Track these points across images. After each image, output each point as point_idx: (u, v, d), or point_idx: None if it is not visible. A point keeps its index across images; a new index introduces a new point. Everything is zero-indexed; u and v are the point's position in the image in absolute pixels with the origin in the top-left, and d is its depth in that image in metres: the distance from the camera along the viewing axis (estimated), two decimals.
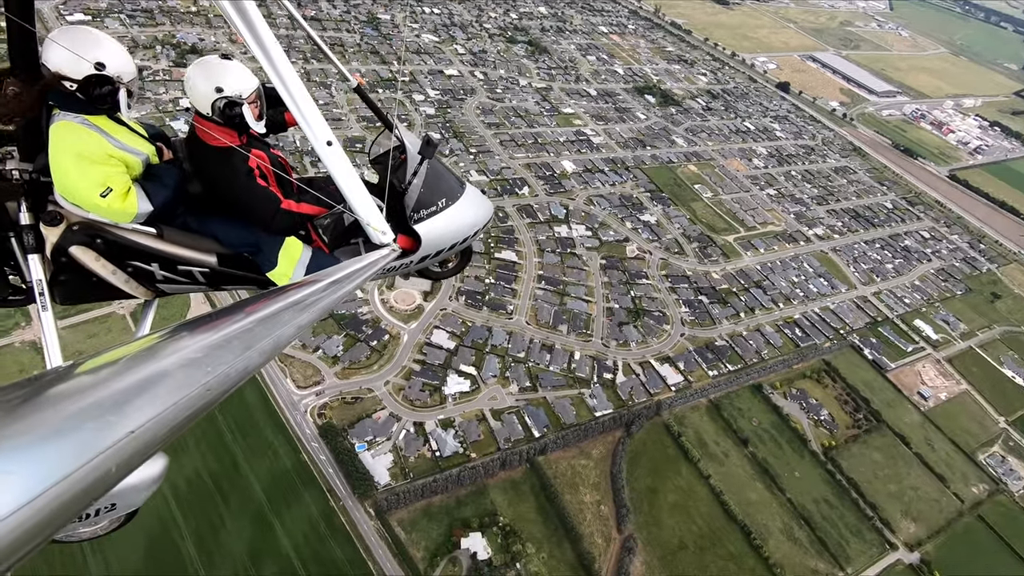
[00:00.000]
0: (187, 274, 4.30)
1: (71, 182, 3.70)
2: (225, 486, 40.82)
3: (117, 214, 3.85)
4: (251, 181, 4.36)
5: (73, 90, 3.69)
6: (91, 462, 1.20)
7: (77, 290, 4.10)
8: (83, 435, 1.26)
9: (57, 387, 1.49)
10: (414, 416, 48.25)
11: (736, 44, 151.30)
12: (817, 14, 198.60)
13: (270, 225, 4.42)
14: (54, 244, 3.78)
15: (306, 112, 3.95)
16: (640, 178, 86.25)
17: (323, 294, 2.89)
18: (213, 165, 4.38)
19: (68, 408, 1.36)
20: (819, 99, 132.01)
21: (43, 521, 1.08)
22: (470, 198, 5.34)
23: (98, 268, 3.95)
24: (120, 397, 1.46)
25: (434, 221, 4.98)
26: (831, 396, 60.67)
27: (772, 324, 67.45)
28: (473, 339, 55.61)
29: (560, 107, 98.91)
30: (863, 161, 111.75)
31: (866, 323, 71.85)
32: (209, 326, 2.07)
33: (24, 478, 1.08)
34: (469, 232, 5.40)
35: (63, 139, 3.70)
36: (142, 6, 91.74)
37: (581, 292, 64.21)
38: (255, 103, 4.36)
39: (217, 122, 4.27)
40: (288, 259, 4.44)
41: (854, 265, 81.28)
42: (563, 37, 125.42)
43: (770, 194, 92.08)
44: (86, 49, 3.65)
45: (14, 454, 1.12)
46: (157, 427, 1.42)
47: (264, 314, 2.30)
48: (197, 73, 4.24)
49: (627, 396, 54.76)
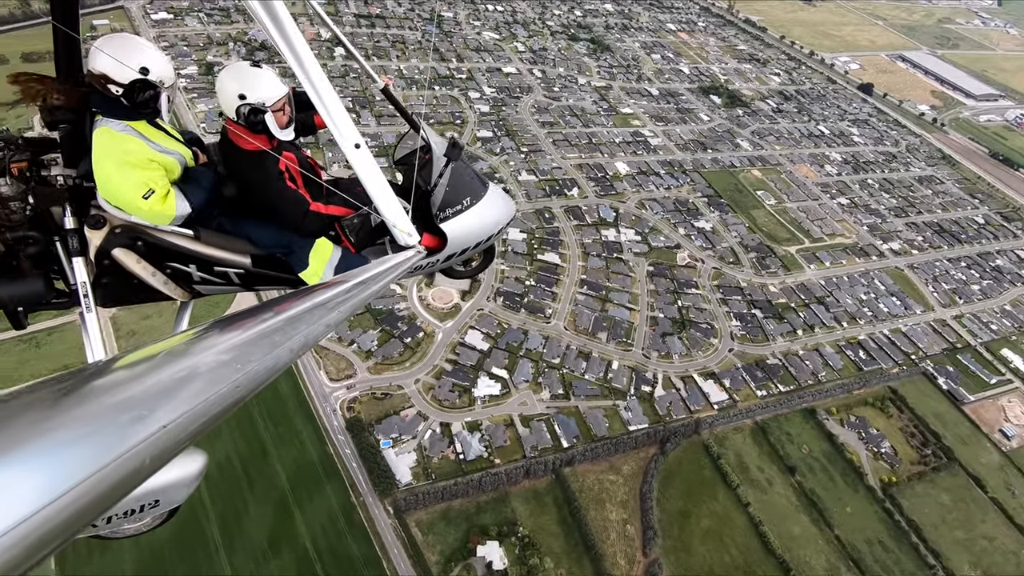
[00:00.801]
0: (223, 275, 4.40)
1: (114, 186, 3.80)
2: (252, 472, 41.82)
3: (157, 216, 3.95)
4: (281, 184, 4.44)
5: (118, 95, 3.81)
6: (127, 454, 1.26)
7: (118, 292, 4.22)
8: (119, 428, 1.33)
9: (96, 381, 1.57)
10: (441, 416, 47.80)
11: (816, 43, 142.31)
12: (911, 11, 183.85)
13: (300, 227, 4.49)
14: (98, 247, 3.90)
15: (335, 115, 3.98)
16: (698, 182, 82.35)
17: (350, 294, 2.93)
18: (244, 168, 4.46)
19: (106, 401, 1.44)
20: (906, 102, 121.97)
21: (83, 508, 1.14)
22: (493, 197, 5.39)
23: (139, 270, 4.06)
24: (154, 392, 1.51)
25: (459, 220, 5.03)
26: (895, 427, 55.43)
27: (833, 344, 62.50)
28: (508, 342, 54.59)
29: (618, 107, 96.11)
30: (952, 170, 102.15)
31: (943, 349, 65.29)
32: (240, 324, 2.10)
33: (66, 466, 1.14)
34: (493, 230, 5.45)
35: (106, 144, 3.79)
36: (220, 4, 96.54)
37: (625, 299, 61.80)
38: (282, 111, 4.37)
39: (245, 127, 4.32)
40: (319, 259, 4.53)
41: (933, 284, 74.18)
42: (628, 35, 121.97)
43: (841, 203, 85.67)
44: (130, 55, 3.75)
45: (57, 443, 1.20)
46: (188, 422, 1.46)
47: (293, 313, 2.32)
48: (225, 78, 4.28)
49: (665, 411, 52.12)
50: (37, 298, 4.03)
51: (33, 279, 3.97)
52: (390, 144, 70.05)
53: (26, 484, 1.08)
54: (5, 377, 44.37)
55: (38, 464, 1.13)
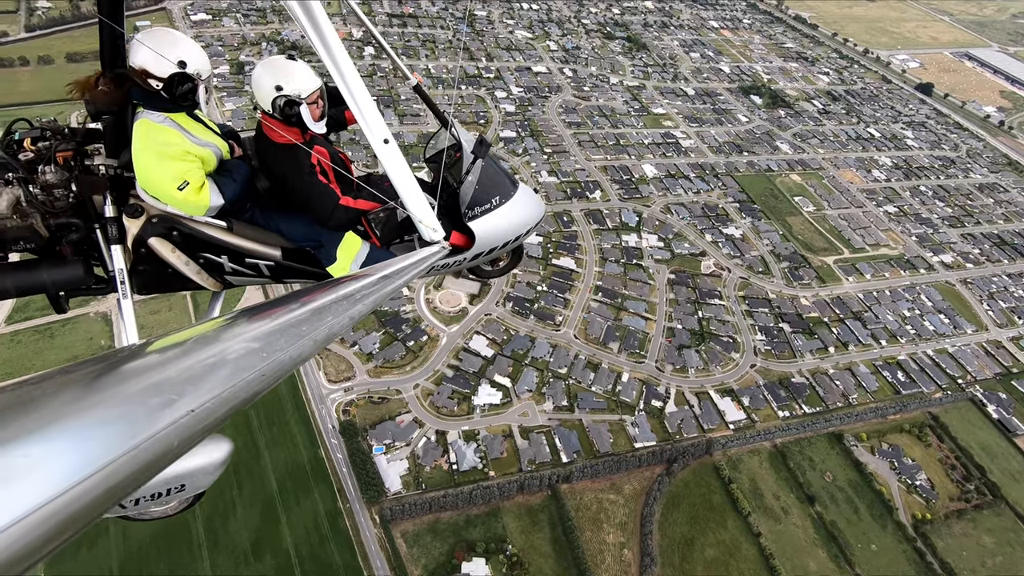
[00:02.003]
0: (253, 267, 4.48)
1: (152, 176, 3.89)
2: (243, 472, 41.56)
3: (192, 207, 4.03)
4: (312, 177, 4.49)
5: (158, 88, 3.91)
6: (156, 435, 1.30)
7: (153, 280, 4.32)
8: (149, 410, 1.36)
9: (129, 364, 1.63)
10: (438, 424, 46.51)
11: (871, 39, 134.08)
12: (982, 5, 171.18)
13: (329, 221, 4.54)
14: (135, 235, 4.01)
15: (365, 110, 4.01)
16: (730, 186, 78.27)
17: (375, 288, 2.95)
18: (277, 161, 4.54)
19: (137, 384, 1.48)
20: (970, 103, 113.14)
21: (113, 487, 1.17)
22: (523, 197, 5.35)
23: (173, 259, 4.14)
24: (183, 377, 1.55)
25: (488, 219, 5.03)
26: (933, 458, 50.65)
27: (868, 364, 57.85)
28: (514, 349, 52.82)
29: (650, 107, 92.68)
30: (1019, 177, 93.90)
31: (996, 374, 59.48)
32: (267, 314, 2.15)
33: (97, 446, 1.18)
34: (521, 231, 5.40)
35: (146, 135, 3.89)
36: (257, 5, 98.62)
37: (641, 308, 58.98)
38: (315, 104, 4.42)
39: (280, 120, 4.38)
40: (346, 254, 4.60)
41: (989, 302, 67.91)
42: (667, 33, 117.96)
43: (888, 212, 79.77)
44: (169, 49, 3.87)
45: (90, 422, 1.24)
46: (215, 407, 1.49)
47: (319, 304, 2.36)
48: (261, 72, 4.37)
49: (675, 429, 49.21)
50: (78, 283, 4.12)
51: (74, 265, 4.06)
52: (411, 144, 69.52)
53: (60, 461, 1.10)
54: (22, 366, 45.79)
55: (72, 442, 1.16)
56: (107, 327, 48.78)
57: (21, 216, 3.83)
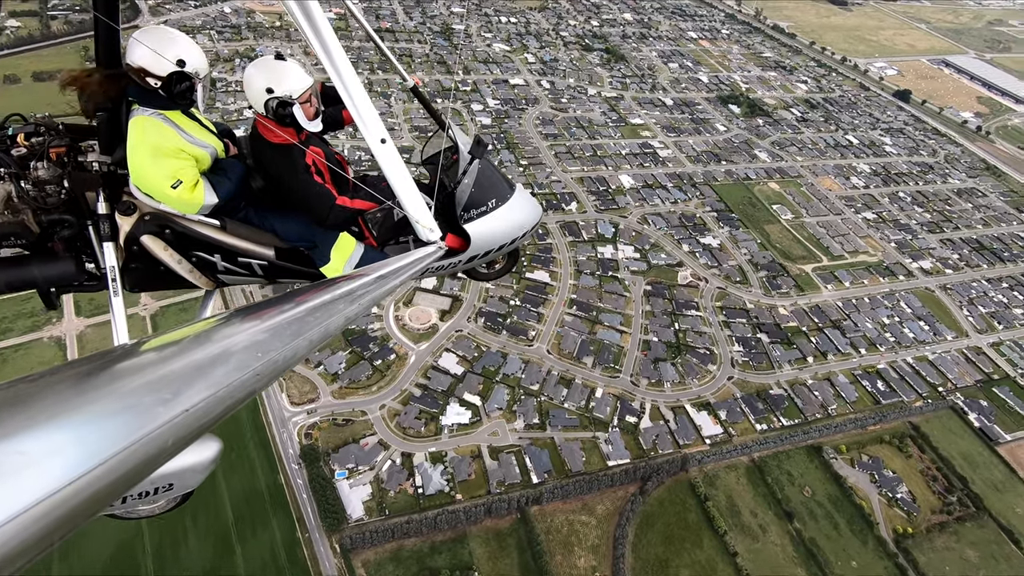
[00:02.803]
0: (246, 266, 4.45)
1: (145, 173, 3.90)
2: (197, 500, 39.56)
3: (185, 205, 4.04)
4: (308, 177, 4.47)
5: (156, 87, 3.93)
6: (150, 435, 1.29)
7: (145, 277, 4.32)
8: (143, 410, 1.36)
9: (122, 363, 1.62)
10: (404, 446, 44.99)
11: (849, 48, 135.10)
12: (958, 12, 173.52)
13: (325, 220, 4.51)
14: (127, 232, 4.00)
15: (362, 110, 4.01)
16: (708, 196, 77.71)
17: (370, 287, 2.94)
18: (272, 161, 4.51)
19: (131, 384, 1.48)
20: (947, 109, 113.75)
21: (108, 486, 1.16)
22: (520, 200, 5.30)
23: (166, 257, 4.14)
24: (177, 377, 1.55)
25: (484, 221, 4.97)
26: (914, 469, 49.55)
27: (847, 373, 56.89)
28: (484, 366, 51.49)
29: (628, 117, 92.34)
30: (997, 182, 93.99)
31: (977, 380, 58.68)
32: (261, 314, 2.14)
33: (91, 444, 1.17)
34: (518, 233, 5.33)
35: (141, 133, 3.89)
36: (232, 22, 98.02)
37: (616, 321, 57.89)
38: (308, 103, 4.41)
39: (274, 120, 4.34)
40: (340, 255, 4.59)
41: (968, 308, 67.33)
42: (645, 44, 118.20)
43: (867, 218, 79.37)
44: (168, 48, 3.87)
45: (83, 422, 1.23)
46: (209, 407, 1.50)
47: (313, 304, 2.35)
48: (252, 73, 4.36)
49: (650, 445, 47.92)
50: (69, 279, 4.11)
51: (66, 261, 4.04)
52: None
53: (54, 459, 1.10)
54: None
55: (66, 440, 1.15)
56: (60, 352, 47.20)
57: (12, 212, 3.82)
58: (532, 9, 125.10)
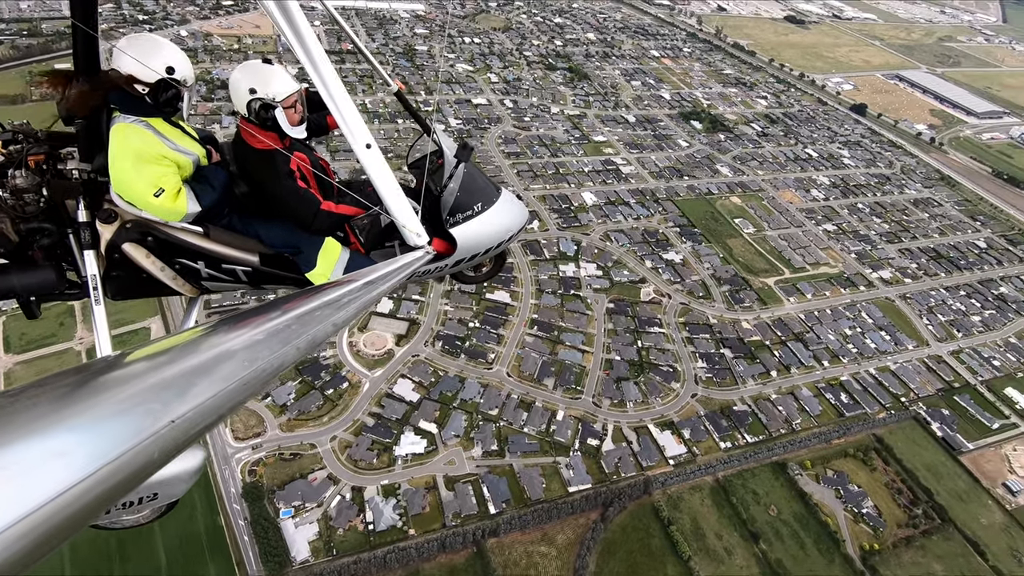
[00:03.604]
0: (231, 272, 4.41)
1: (127, 181, 3.86)
2: (128, 546, 37.14)
3: (168, 213, 4.00)
4: (292, 183, 4.42)
5: (143, 94, 3.91)
6: (136, 447, 1.28)
7: (127, 285, 4.28)
8: (128, 422, 1.34)
9: (106, 376, 1.60)
10: (355, 480, 42.93)
11: (807, 64, 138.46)
12: (910, 30, 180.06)
13: (310, 226, 4.46)
14: (108, 240, 3.95)
15: (346, 115, 3.96)
16: (670, 211, 77.75)
17: (358, 294, 2.91)
18: (256, 166, 4.46)
19: (115, 396, 1.46)
20: (902, 122, 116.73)
21: (93, 500, 1.15)
22: (505, 203, 5.30)
23: (148, 265, 4.09)
24: (163, 387, 1.53)
25: (470, 225, 4.96)
26: (879, 483, 49.00)
27: (811, 386, 56.50)
28: (441, 391, 49.80)
29: (591, 135, 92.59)
30: (952, 192, 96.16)
31: (938, 390, 58.79)
32: (248, 322, 2.11)
33: (76, 459, 1.16)
34: (504, 237, 5.33)
35: (122, 140, 3.84)
36: (188, 45, 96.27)
37: (578, 340, 56.82)
38: (292, 108, 4.36)
39: (256, 124, 4.30)
40: (326, 260, 4.52)
41: (928, 316, 67.87)
42: (608, 63, 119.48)
43: (828, 230, 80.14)
44: (155, 54, 3.88)
45: (67, 436, 1.21)
46: (196, 418, 1.48)
47: (300, 312, 2.34)
48: (237, 75, 4.30)
49: (612, 468, 46.59)
50: (50, 288, 4.06)
51: (46, 270, 3.99)
52: None
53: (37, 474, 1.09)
54: None
55: (49, 455, 1.14)
56: None
57: None
58: (496, 30, 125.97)
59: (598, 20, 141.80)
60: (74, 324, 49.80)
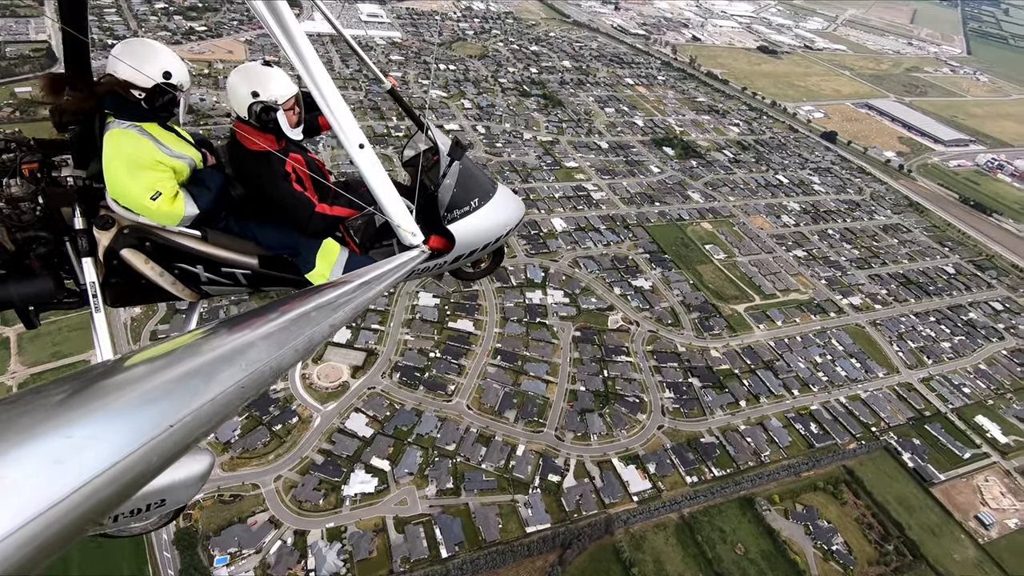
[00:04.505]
0: (230, 276, 4.37)
1: (123, 186, 3.80)
2: None
3: (165, 217, 3.94)
4: (287, 184, 4.39)
5: (140, 99, 3.88)
6: (134, 454, 1.28)
7: (127, 292, 4.23)
8: (126, 428, 1.34)
9: (104, 381, 1.57)
10: (298, 523, 40.45)
11: (779, 93, 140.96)
12: (879, 60, 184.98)
13: (306, 228, 4.44)
14: (106, 247, 3.91)
15: (339, 115, 3.92)
16: (641, 237, 77.14)
17: (355, 294, 2.91)
18: (251, 169, 4.41)
19: (115, 401, 1.45)
20: (872, 149, 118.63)
21: (91, 508, 1.15)
22: (502, 198, 5.25)
23: (147, 270, 4.05)
24: (160, 392, 1.52)
25: (467, 221, 4.92)
26: (849, 517, 47.46)
27: (781, 416, 55.23)
28: (397, 425, 47.70)
29: (563, 161, 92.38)
30: (921, 218, 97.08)
31: (909, 418, 57.80)
32: (245, 325, 2.09)
33: (72, 466, 1.15)
34: (502, 231, 5.28)
35: (116, 146, 3.80)
36: None
37: (543, 371, 55.16)
38: (292, 110, 4.35)
39: (255, 127, 4.25)
40: (325, 261, 4.49)
41: (898, 343, 67.33)
42: (583, 90, 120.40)
43: (798, 256, 79.97)
44: (152, 59, 3.86)
45: (64, 444, 1.20)
46: (194, 422, 1.48)
47: (298, 313, 2.32)
48: (237, 78, 4.26)
49: (573, 506, 44.58)
50: (48, 297, 4.01)
51: (44, 279, 3.94)
52: None
53: (36, 482, 1.09)
54: None
55: (47, 462, 1.13)
56: None
57: None
58: (472, 57, 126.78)
59: (574, 48, 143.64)
60: (7, 357, 47.25)
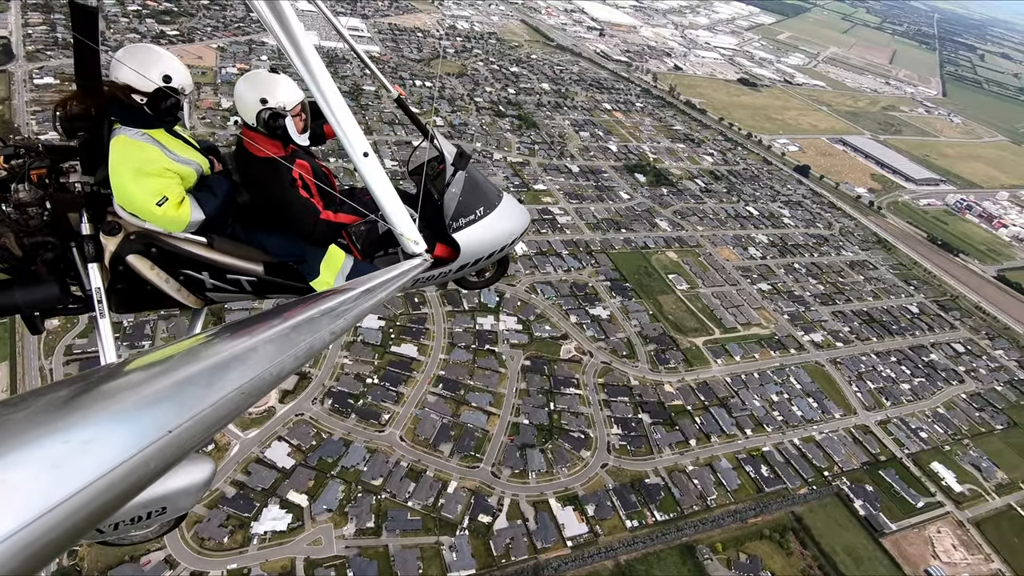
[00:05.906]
0: (235, 283, 4.38)
1: (129, 192, 3.82)
2: None
3: (171, 223, 3.96)
4: (293, 191, 4.37)
5: (142, 104, 3.85)
6: (134, 457, 1.27)
7: (132, 298, 4.24)
8: (126, 432, 1.33)
9: (104, 385, 1.59)
10: (196, 563, 37.24)
11: (756, 125, 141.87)
12: (856, 98, 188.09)
13: (310, 235, 4.42)
14: (112, 253, 3.93)
15: (344, 123, 3.90)
16: (603, 264, 75.52)
17: (356, 302, 2.91)
18: (258, 175, 4.41)
19: (114, 404, 1.45)
20: (843, 184, 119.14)
21: (90, 512, 1.14)
22: (508, 207, 5.21)
23: (152, 276, 4.06)
24: (160, 397, 1.52)
25: (472, 230, 4.88)
26: (795, 569, 45.23)
27: (731, 457, 53.20)
28: (321, 456, 44.81)
29: (532, 183, 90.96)
30: (888, 255, 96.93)
31: (863, 463, 56.10)
32: (248, 330, 2.11)
33: (69, 470, 1.15)
34: (507, 241, 5.24)
35: (123, 152, 3.82)
36: None
37: (486, 401, 52.67)
38: (299, 116, 4.35)
39: (262, 133, 4.27)
40: (330, 268, 4.49)
41: (857, 383, 65.95)
42: (560, 113, 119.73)
43: (762, 289, 78.84)
44: (153, 64, 3.84)
45: (62, 448, 1.20)
46: (194, 427, 1.47)
47: (300, 320, 2.33)
48: (245, 85, 4.26)
49: (502, 551, 41.84)
50: (54, 303, 4.00)
51: (50, 284, 3.94)
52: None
53: (34, 486, 1.08)
54: None
55: (46, 466, 1.13)
56: None
57: None
58: (450, 75, 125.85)
59: (555, 71, 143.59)
60: None
